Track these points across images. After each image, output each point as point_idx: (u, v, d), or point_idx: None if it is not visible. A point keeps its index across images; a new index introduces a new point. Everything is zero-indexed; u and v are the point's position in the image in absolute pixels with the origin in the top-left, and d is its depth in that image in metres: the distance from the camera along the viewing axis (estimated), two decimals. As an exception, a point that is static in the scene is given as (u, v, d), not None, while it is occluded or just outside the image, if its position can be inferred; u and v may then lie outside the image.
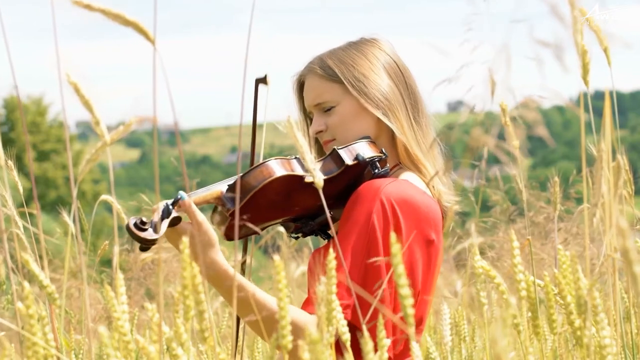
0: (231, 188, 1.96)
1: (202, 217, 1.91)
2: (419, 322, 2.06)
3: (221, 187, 1.98)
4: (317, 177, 1.58)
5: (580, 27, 1.47)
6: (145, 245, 1.85)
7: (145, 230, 1.83)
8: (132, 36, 1.37)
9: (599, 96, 1.57)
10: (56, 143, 29.12)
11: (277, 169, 1.96)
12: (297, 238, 2.15)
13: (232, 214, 1.95)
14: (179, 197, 1.89)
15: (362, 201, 1.98)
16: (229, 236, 1.98)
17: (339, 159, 2.02)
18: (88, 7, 1.38)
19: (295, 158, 2.00)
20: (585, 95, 1.64)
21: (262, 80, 2.16)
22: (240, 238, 2.07)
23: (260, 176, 1.94)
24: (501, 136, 1.36)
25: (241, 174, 1.94)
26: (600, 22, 1.66)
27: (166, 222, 1.86)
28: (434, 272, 2.05)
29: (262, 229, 2.07)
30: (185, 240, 1.40)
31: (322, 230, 2.10)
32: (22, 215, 2.12)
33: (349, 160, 2.01)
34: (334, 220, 2.10)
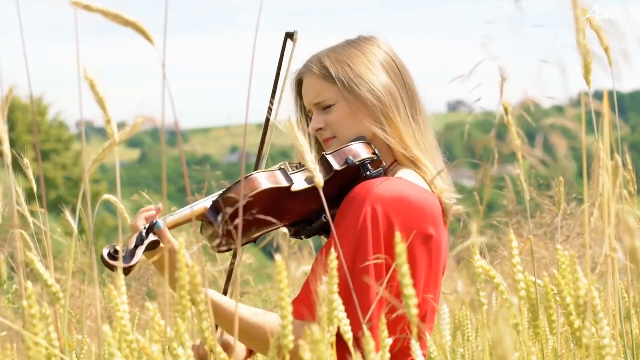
0: (215, 205, 1.99)
1: (175, 244, 1.96)
2: (422, 320, 2.07)
3: (205, 203, 2.01)
4: (318, 177, 1.58)
5: (582, 26, 1.46)
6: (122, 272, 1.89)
7: (117, 259, 1.88)
8: (134, 36, 1.37)
9: (600, 96, 1.57)
10: (56, 143, 29.08)
11: (263, 182, 1.98)
12: (301, 239, 2.15)
13: (221, 228, 1.98)
14: (154, 223, 1.93)
15: (353, 205, 1.98)
16: (218, 250, 2.01)
17: (327, 165, 2.03)
18: (87, 7, 1.37)
19: (280, 169, 2.02)
20: (586, 94, 1.63)
21: (290, 36, 2.19)
22: (227, 251, 2.08)
23: (245, 191, 1.96)
24: (501, 137, 1.36)
25: (225, 190, 1.99)
26: (601, 21, 1.65)
27: (141, 249, 1.92)
28: (437, 268, 2.05)
29: (257, 238, 2.10)
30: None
31: (325, 230, 2.11)
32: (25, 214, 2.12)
33: (337, 166, 2.02)
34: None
